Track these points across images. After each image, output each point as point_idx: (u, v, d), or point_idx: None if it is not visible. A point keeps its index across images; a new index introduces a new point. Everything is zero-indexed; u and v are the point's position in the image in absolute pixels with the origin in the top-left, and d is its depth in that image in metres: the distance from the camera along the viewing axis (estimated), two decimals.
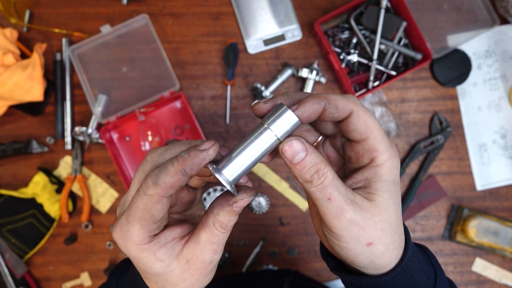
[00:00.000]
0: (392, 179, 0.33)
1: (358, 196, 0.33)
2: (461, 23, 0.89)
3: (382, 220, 0.33)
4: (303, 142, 0.32)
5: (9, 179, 0.87)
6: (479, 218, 0.86)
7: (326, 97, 0.32)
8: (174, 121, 0.89)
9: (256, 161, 0.32)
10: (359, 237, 0.32)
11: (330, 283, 0.88)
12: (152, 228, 0.34)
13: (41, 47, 0.86)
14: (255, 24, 0.90)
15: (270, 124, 0.32)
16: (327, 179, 0.31)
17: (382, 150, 0.33)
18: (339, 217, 0.32)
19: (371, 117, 0.33)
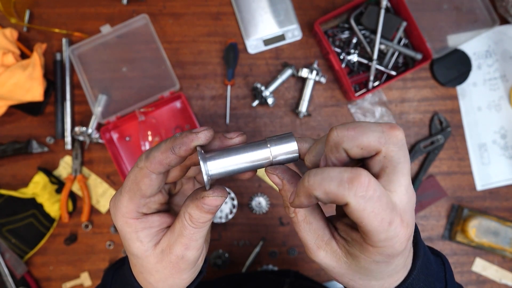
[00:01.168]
0: (376, 259, 0.29)
1: (333, 245, 0.32)
2: (461, 23, 0.89)
3: (350, 275, 0.32)
4: (281, 178, 0.32)
5: (9, 179, 0.87)
6: (479, 218, 0.86)
7: (319, 187, 0.27)
8: (174, 121, 0.89)
9: (241, 169, 0.33)
10: (329, 271, 0.33)
11: (330, 283, 0.88)
12: (139, 203, 0.35)
13: (41, 47, 0.86)
14: (255, 24, 0.90)
15: (271, 142, 0.33)
16: (295, 219, 0.32)
17: (373, 241, 0.28)
18: (305, 248, 0.33)
19: (370, 214, 0.27)
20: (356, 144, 0.28)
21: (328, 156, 0.30)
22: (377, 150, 0.28)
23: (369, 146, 0.28)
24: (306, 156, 0.33)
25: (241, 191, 0.89)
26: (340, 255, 0.31)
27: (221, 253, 0.88)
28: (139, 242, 0.35)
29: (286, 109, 0.90)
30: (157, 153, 0.32)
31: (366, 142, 0.28)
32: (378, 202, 0.27)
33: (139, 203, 0.35)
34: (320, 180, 0.27)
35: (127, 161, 0.89)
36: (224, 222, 0.88)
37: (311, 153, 0.32)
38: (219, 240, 0.89)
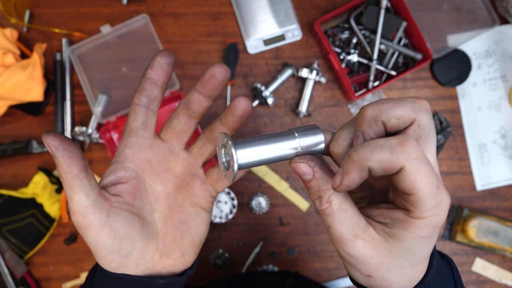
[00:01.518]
0: (420, 235, 0.29)
1: (371, 231, 0.30)
2: (461, 23, 0.89)
3: (389, 263, 0.30)
4: (312, 165, 0.31)
5: (9, 179, 0.87)
6: (479, 218, 0.86)
7: (371, 157, 0.27)
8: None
9: (268, 160, 0.31)
10: (359, 268, 0.31)
11: (330, 283, 0.88)
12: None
13: (41, 47, 0.86)
14: (255, 24, 0.90)
15: (298, 132, 0.31)
16: (328, 209, 0.30)
17: (422, 210, 0.28)
18: (337, 246, 0.31)
19: (423, 175, 0.27)
20: (393, 115, 0.29)
21: (366, 132, 0.29)
22: (412, 119, 0.29)
23: (405, 115, 0.29)
24: (332, 144, 0.32)
25: (241, 191, 0.89)
26: (380, 241, 0.30)
27: (221, 253, 0.88)
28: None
29: (286, 109, 0.90)
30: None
31: (403, 111, 0.29)
32: (428, 164, 0.27)
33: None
34: (371, 150, 0.27)
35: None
36: (224, 222, 0.88)
37: (338, 139, 0.31)
38: (219, 240, 0.89)
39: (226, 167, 0.32)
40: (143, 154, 0.39)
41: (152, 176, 0.40)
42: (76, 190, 0.33)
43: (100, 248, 0.35)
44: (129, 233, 0.36)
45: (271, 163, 0.31)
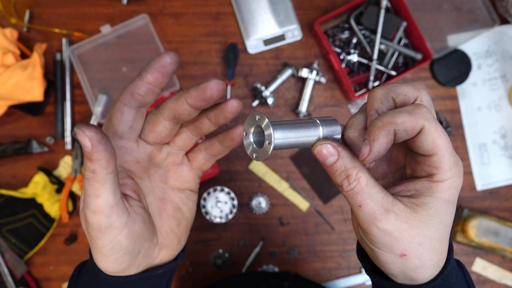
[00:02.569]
0: (445, 198, 0.31)
1: (399, 205, 0.31)
2: (461, 23, 0.89)
3: (421, 235, 0.31)
4: (336, 146, 0.31)
5: (9, 179, 0.87)
6: (479, 218, 0.86)
7: (394, 120, 0.29)
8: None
9: (296, 144, 0.32)
10: (393, 246, 0.31)
11: (330, 283, 0.88)
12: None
13: (41, 47, 0.86)
14: (255, 24, 0.90)
15: (320, 121, 0.33)
16: (357, 186, 0.30)
17: (444, 169, 0.30)
18: (370, 225, 0.31)
19: (441, 133, 0.30)
20: (400, 92, 0.32)
21: (380, 108, 0.32)
22: (416, 97, 0.32)
23: (409, 92, 0.32)
24: (347, 130, 0.33)
25: (241, 191, 0.89)
26: (409, 212, 0.31)
27: (221, 253, 0.88)
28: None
29: (286, 109, 0.90)
30: (129, 85, 0.36)
31: (407, 89, 0.32)
32: (441, 126, 0.30)
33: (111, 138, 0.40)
34: (392, 115, 0.29)
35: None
36: (224, 222, 0.88)
37: (352, 125, 0.33)
38: (219, 240, 0.89)
39: (256, 147, 0.33)
40: (130, 156, 0.38)
41: (139, 173, 0.40)
42: (107, 187, 0.32)
43: (115, 251, 0.34)
44: (142, 233, 0.36)
45: (295, 148, 0.32)
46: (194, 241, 0.88)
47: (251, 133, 0.33)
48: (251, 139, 0.33)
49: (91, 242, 0.34)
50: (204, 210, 0.87)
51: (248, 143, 0.33)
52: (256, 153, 0.33)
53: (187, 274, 0.88)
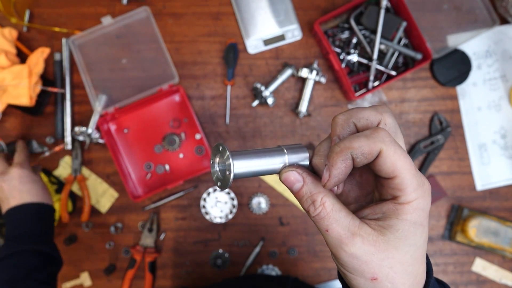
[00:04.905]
0: (412, 219, 0.31)
1: (366, 228, 0.31)
2: (461, 23, 0.89)
3: (391, 258, 0.31)
4: (300, 172, 0.32)
5: None
6: (479, 218, 0.86)
7: (350, 145, 0.30)
8: (172, 114, 0.90)
9: (259, 172, 0.33)
10: (362, 270, 0.31)
11: (330, 283, 0.88)
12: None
13: (44, 51, 0.86)
14: (255, 24, 0.90)
15: (287, 149, 0.34)
16: (323, 211, 0.31)
17: (408, 191, 0.30)
18: (338, 249, 0.31)
19: (400, 156, 0.30)
20: (361, 116, 0.32)
21: (341, 134, 0.33)
22: (378, 120, 0.32)
23: (371, 116, 0.32)
24: (314, 157, 0.34)
25: (241, 191, 0.89)
26: (376, 235, 0.31)
27: (221, 253, 0.88)
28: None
29: (286, 109, 0.90)
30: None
31: (369, 113, 0.33)
32: (402, 149, 0.31)
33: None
34: (349, 140, 0.30)
35: (125, 153, 0.89)
36: (224, 222, 0.88)
37: (319, 151, 0.34)
38: (219, 240, 0.89)
39: (220, 175, 0.34)
40: None
41: None
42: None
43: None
44: None
45: (261, 175, 0.34)
46: (194, 241, 0.88)
47: (216, 162, 0.34)
48: (216, 168, 0.34)
49: None
50: (204, 210, 0.87)
51: (214, 172, 0.35)
52: (220, 181, 0.34)
53: (187, 274, 0.88)
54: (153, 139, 0.89)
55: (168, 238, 0.88)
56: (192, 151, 0.89)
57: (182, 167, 0.89)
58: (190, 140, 0.89)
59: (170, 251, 0.88)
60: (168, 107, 0.89)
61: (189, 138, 0.89)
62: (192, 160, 0.89)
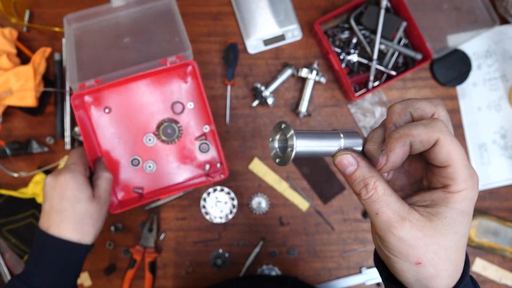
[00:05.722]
0: (460, 208, 0.33)
1: (415, 214, 0.32)
2: (461, 23, 0.89)
3: (436, 244, 0.32)
4: (355, 156, 0.33)
5: (9, 179, 0.87)
6: (479, 218, 0.86)
7: (410, 132, 0.31)
8: (174, 95, 0.73)
9: (316, 153, 0.35)
10: (408, 254, 0.32)
11: (330, 283, 0.88)
12: (86, 168, 0.67)
13: (46, 51, 0.86)
14: (255, 24, 0.90)
15: (343, 133, 0.35)
16: (375, 195, 0.32)
17: (459, 180, 0.32)
18: (386, 232, 0.32)
19: (456, 146, 0.31)
20: (417, 107, 0.34)
21: (397, 122, 0.34)
22: (433, 111, 0.34)
23: (427, 107, 0.34)
24: (367, 143, 0.35)
25: (241, 191, 0.89)
26: (425, 221, 0.32)
27: (221, 253, 0.88)
28: (90, 190, 0.63)
29: (286, 109, 0.90)
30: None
31: (424, 104, 0.34)
32: (457, 140, 0.32)
33: (86, 169, 0.66)
34: (408, 128, 0.31)
35: (102, 137, 0.73)
36: (224, 222, 0.88)
37: (372, 138, 0.35)
38: (219, 240, 0.89)
39: (279, 152, 0.36)
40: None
41: None
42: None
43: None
44: None
45: (316, 156, 0.35)
46: (194, 241, 0.88)
47: (276, 139, 0.36)
48: (276, 145, 0.36)
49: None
50: (204, 210, 0.87)
51: (272, 148, 0.36)
52: (279, 158, 0.35)
53: (187, 274, 0.88)
54: (143, 127, 0.73)
55: (168, 238, 0.88)
56: (194, 148, 0.74)
57: (179, 168, 0.75)
58: (194, 133, 0.74)
59: (170, 251, 0.88)
60: (170, 87, 0.73)
61: (192, 130, 0.74)
62: (193, 160, 0.76)
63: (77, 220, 0.59)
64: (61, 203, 0.59)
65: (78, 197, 0.60)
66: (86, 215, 0.60)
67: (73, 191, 0.59)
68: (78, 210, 0.60)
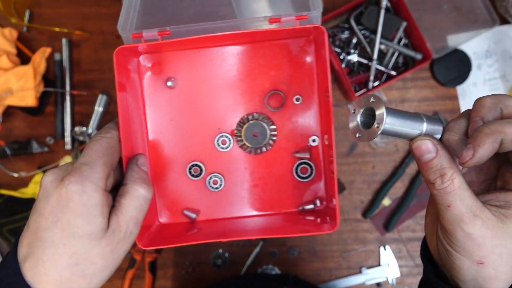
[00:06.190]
0: None
1: (487, 213, 0.31)
2: (461, 23, 0.89)
3: (503, 246, 0.31)
4: (436, 144, 0.32)
5: (9, 179, 0.87)
6: None
7: (503, 130, 0.29)
8: (278, 78, 0.48)
9: (401, 133, 0.33)
10: (473, 252, 0.31)
11: (330, 283, 0.88)
12: (109, 173, 0.37)
13: (46, 51, 0.86)
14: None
15: (426, 118, 0.33)
16: (450, 186, 0.31)
17: None
18: (455, 226, 0.31)
19: None
20: (509, 104, 0.31)
21: (485, 116, 0.32)
22: None
23: None
24: (447, 133, 0.33)
25: None
26: (496, 221, 0.31)
27: (221, 253, 0.88)
28: (102, 218, 0.35)
29: None
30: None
31: None
32: None
33: (109, 173, 0.37)
34: (501, 124, 0.29)
35: (154, 122, 0.49)
36: None
37: (453, 128, 0.33)
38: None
39: (360, 127, 0.34)
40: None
41: None
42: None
43: None
44: None
45: (396, 137, 0.33)
46: None
47: (360, 113, 0.34)
48: (358, 119, 0.34)
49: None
50: None
51: (353, 121, 0.34)
52: (360, 133, 0.34)
53: (187, 274, 0.88)
54: (218, 120, 0.49)
55: None
56: (287, 168, 0.49)
57: (259, 195, 0.50)
58: (293, 143, 0.49)
59: (170, 251, 0.88)
60: (274, 64, 0.48)
61: (292, 138, 0.49)
62: (284, 187, 0.49)
63: (69, 264, 0.34)
64: (51, 229, 0.34)
65: (80, 227, 0.34)
66: (86, 260, 0.35)
67: (74, 216, 0.34)
68: (75, 249, 0.34)
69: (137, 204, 0.38)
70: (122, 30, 0.44)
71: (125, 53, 0.44)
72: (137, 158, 0.41)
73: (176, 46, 0.46)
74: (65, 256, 0.34)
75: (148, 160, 0.48)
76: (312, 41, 0.47)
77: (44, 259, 0.34)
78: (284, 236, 0.45)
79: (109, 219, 0.36)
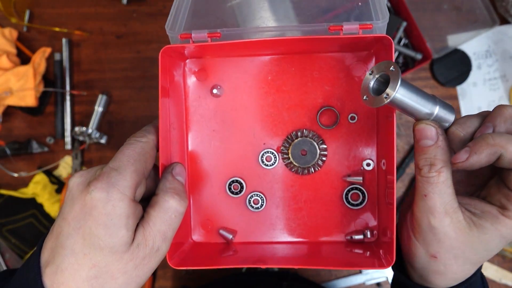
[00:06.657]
0: (503, 233, 0.31)
1: (459, 215, 0.31)
2: (461, 23, 0.89)
3: (461, 250, 0.31)
4: (438, 133, 0.31)
5: (9, 179, 0.87)
6: None
7: (506, 146, 0.29)
8: (332, 92, 0.45)
9: (412, 108, 0.32)
10: (430, 244, 0.32)
11: (330, 283, 0.88)
12: (140, 182, 0.33)
13: (46, 51, 0.86)
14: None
15: (439, 102, 0.33)
16: (434, 178, 0.31)
17: None
18: (423, 215, 0.31)
19: None
20: None
21: (499, 126, 0.31)
22: None
23: None
24: (456, 126, 0.33)
25: None
26: (464, 226, 0.31)
27: None
28: (126, 230, 0.31)
29: None
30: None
31: None
32: None
33: (140, 182, 0.33)
34: (507, 139, 0.29)
35: (195, 131, 0.46)
36: None
37: (464, 124, 0.33)
38: None
39: (370, 91, 0.33)
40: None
41: None
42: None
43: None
44: None
45: (405, 112, 0.32)
46: None
47: (375, 78, 0.33)
48: (371, 83, 0.33)
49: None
50: None
51: (367, 82, 0.33)
52: (368, 97, 0.33)
53: (187, 274, 0.88)
54: (265, 134, 0.46)
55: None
56: (336, 193, 0.45)
57: (303, 218, 0.46)
58: (344, 166, 0.45)
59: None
60: (331, 75, 0.44)
61: (343, 160, 0.45)
62: (331, 213, 0.45)
63: (88, 276, 0.32)
64: (73, 236, 0.32)
65: (101, 238, 0.31)
66: (106, 274, 0.32)
67: (96, 225, 0.31)
68: (95, 261, 0.32)
69: (166, 217, 0.34)
70: (170, 30, 0.41)
71: (172, 54, 0.42)
72: (173, 167, 0.38)
73: (225, 51, 0.43)
74: (85, 267, 0.32)
75: (186, 171, 0.45)
76: (372, 55, 0.43)
77: (63, 268, 0.32)
78: (330, 268, 0.45)
79: (135, 231, 0.33)
